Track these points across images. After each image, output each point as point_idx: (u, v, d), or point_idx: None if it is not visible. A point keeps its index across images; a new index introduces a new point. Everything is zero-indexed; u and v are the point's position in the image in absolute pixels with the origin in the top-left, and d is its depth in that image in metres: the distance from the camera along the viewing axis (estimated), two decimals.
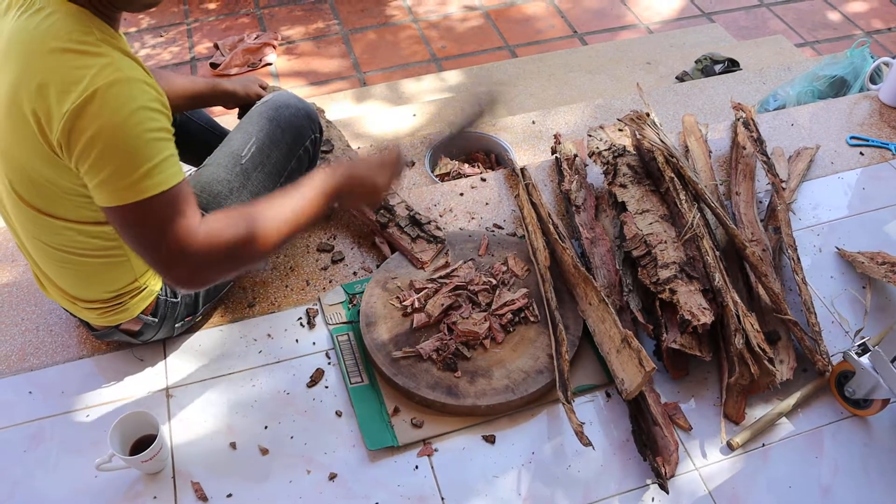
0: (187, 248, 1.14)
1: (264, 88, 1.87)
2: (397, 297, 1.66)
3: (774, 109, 2.46)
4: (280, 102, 1.65)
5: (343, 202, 1.35)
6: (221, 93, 1.78)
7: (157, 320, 1.51)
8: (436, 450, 1.45)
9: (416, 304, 1.63)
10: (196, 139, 1.79)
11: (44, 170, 1.15)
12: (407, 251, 1.74)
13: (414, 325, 1.59)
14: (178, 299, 1.53)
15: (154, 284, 1.47)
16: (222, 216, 1.20)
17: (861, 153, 2.15)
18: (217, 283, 1.40)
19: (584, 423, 1.43)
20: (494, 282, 1.68)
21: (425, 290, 1.66)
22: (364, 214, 1.81)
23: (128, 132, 1.07)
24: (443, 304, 1.61)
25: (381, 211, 1.80)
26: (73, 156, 1.09)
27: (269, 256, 1.22)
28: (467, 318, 1.59)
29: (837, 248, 1.86)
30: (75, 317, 1.53)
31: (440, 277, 1.69)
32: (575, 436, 1.44)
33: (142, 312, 1.48)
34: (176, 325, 1.57)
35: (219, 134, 1.83)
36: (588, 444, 1.39)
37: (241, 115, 1.85)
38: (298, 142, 1.64)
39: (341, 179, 1.33)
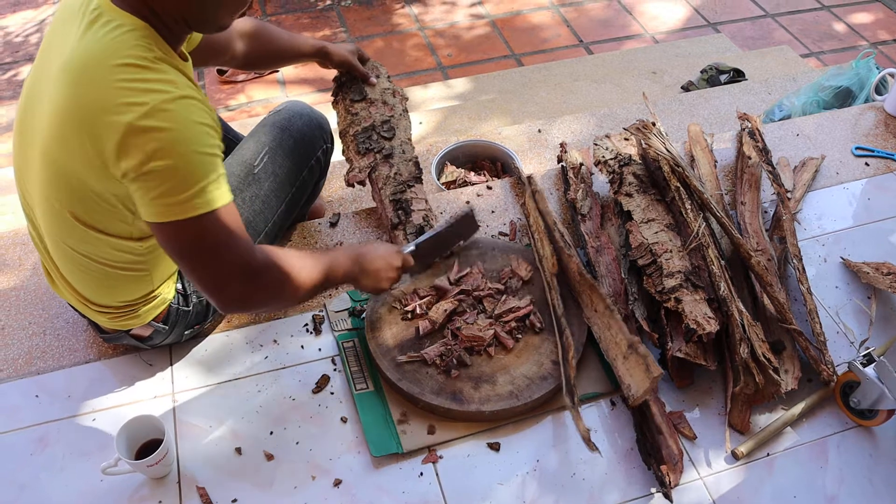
0: (246, 265, 1.17)
1: (364, 62, 1.90)
2: (399, 301, 1.67)
3: (780, 119, 2.47)
4: (293, 112, 1.66)
5: (360, 273, 1.43)
6: (320, 52, 1.81)
7: (167, 328, 1.52)
8: (440, 457, 1.46)
9: (419, 311, 1.63)
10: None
11: (91, 182, 1.16)
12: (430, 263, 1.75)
13: (421, 333, 1.60)
14: (190, 308, 1.53)
15: (167, 293, 1.48)
16: (278, 248, 1.26)
17: (866, 164, 2.16)
18: (255, 311, 1.52)
19: (590, 430, 1.43)
20: (502, 287, 1.69)
21: (428, 297, 1.66)
22: (385, 208, 1.82)
23: (186, 149, 1.08)
24: (446, 310, 1.61)
25: (399, 211, 1.80)
26: (126, 170, 1.09)
27: (301, 301, 1.32)
28: (472, 323, 1.60)
29: (842, 259, 1.86)
30: (84, 317, 1.54)
31: (448, 282, 1.70)
32: (580, 443, 1.45)
33: (153, 319, 1.48)
34: (185, 333, 1.58)
35: (232, 137, 1.84)
36: (595, 450, 1.39)
37: (336, 80, 1.92)
38: (310, 152, 1.65)
39: (362, 251, 1.44)
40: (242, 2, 1.15)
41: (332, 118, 1.99)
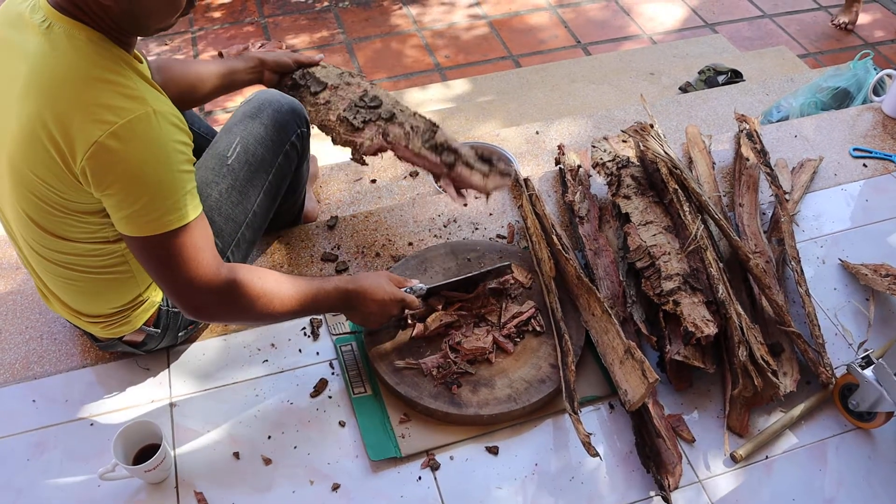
0: (211, 279, 1.19)
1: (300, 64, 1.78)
2: None
3: (778, 121, 2.47)
4: (262, 100, 1.64)
5: (347, 309, 1.45)
6: (255, 63, 1.70)
7: (159, 331, 1.51)
8: (439, 461, 1.45)
9: (411, 321, 1.63)
10: (196, 149, 1.79)
11: (60, 194, 1.17)
12: (481, 188, 1.64)
13: (413, 335, 1.60)
14: None
15: (156, 296, 1.48)
16: (253, 268, 1.28)
17: (864, 165, 2.16)
18: (223, 322, 1.51)
19: (590, 434, 1.42)
20: (500, 288, 1.68)
21: (423, 309, 1.64)
22: (426, 159, 1.65)
23: (157, 168, 1.09)
24: (442, 321, 1.61)
25: (445, 153, 1.65)
26: (98, 186, 1.10)
27: (273, 322, 1.33)
28: (469, 336, 1.59)
29: (841, 260, 1.86)
30: (79, 328, 1.54)
31: (452, 298, 1.68)
32: (579, 446, 1.45)
33: (144, 324, 1.48)
34: (179, 334, 1.57)
35: (204, 134, 1.83)
36: (596, 454, 1.39)
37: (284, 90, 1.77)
38: (284, 138, 1.63)
39: (357, 290, 1.43)
40: (174, 7, 1.14)
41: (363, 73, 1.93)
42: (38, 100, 1.09)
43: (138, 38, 1.20)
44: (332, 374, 1.59)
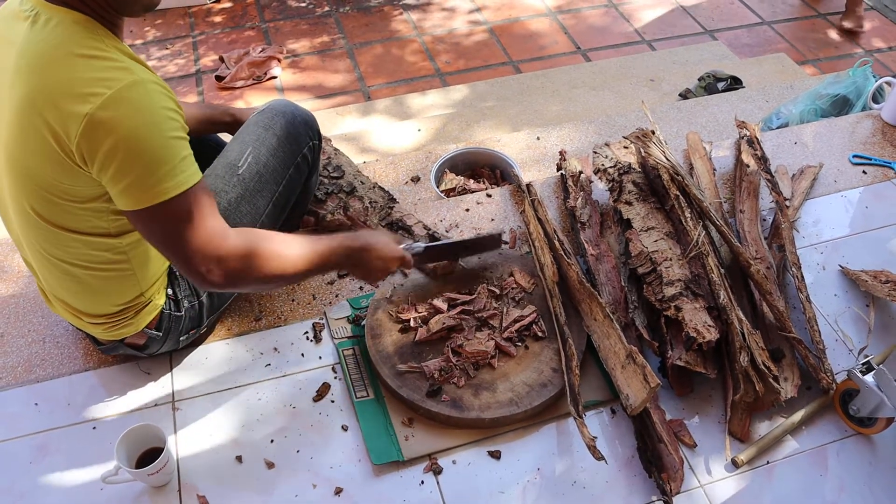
0: (220, 245, 1.17)
1: None
2: (395, 307, 1.67)
3: (777, 127, 2.48)
4: (276, 111, 1.65)
5: (353, 266, 1.43)
6: (231, 117, 1.77)
7: (161, 334, 1.51)
8: (441, 465, 1.46)
9: (413, 323, 1.63)
10: (206, 157, 1.80)
11: (60, 180, 1.16)
12: (428, 271, 1.75)
13: (416, 339, 1.60)
14: (182, 312, 1.53)
15: (158, 299, 1.48)
16: (257, 230, 1.26)
17: (864, 172, 2.17)
18: (235, 292, 1.44)
19: (595, 438, 1.43)
20: (498, 292, 1.69)
21: (425, 313, 1.66)
22: None
23: (149, 134, 1.09)
24: (444, 323, 1.61)
25: (400, 232, 1.80)
26: (94, 162, 1.10)
27: (287, 283, 1.33)
28: (471, 339, 1.60)
29: (841, 266, 1.86)
30: (81, 330, 1.54)
31: (455, 300, 1.69)
32: (581, 450, 1.45)
33: (146, 326, 1.48)
34: (181, 339, 1.57)
35: (214, 144, 1.83)
36: (601, 458, 1.39)
37: None
38: (295, 150, 1.64)
39: (363, 246, 1.42)
40: None
41: (320, 118, 1.97)
42: (27, 82, 1.10)
43: (125, 17, 1.20)
44: (335, 377, 1.60)
